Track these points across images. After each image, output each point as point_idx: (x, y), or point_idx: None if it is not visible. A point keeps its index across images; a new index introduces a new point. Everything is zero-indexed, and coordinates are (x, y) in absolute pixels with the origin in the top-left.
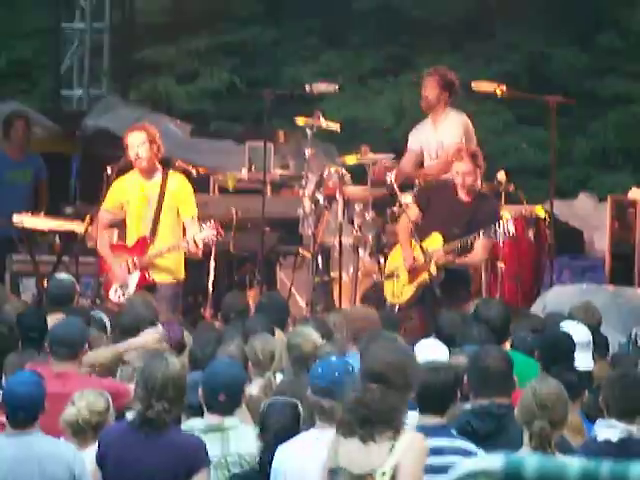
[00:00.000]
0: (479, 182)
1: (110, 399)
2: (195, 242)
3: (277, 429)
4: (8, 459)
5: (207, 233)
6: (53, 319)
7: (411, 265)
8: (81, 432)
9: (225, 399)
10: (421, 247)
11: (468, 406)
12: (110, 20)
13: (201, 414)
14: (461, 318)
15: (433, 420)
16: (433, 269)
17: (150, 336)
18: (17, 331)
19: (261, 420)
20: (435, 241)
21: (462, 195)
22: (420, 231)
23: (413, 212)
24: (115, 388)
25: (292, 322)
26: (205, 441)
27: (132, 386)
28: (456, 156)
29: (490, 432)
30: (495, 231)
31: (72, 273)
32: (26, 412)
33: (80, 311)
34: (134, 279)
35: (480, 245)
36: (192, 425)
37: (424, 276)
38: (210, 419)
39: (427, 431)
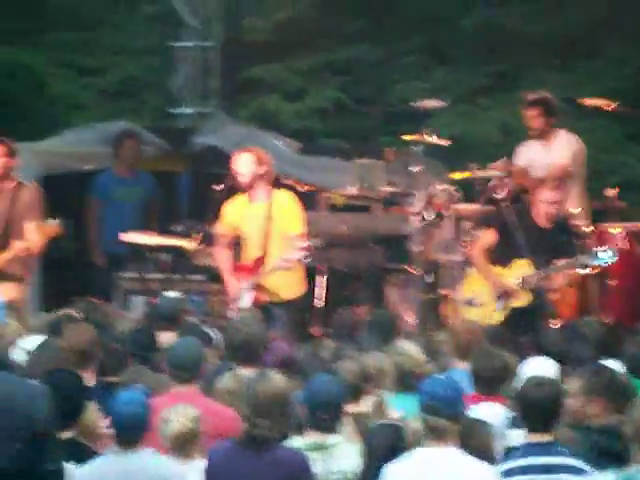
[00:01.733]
0: (563, 210)
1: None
2: (284, 262)
3: (381, 450)
4: (114, 477)
5: (298, 254)
6: (162, 336)
7: (501, 292)
8: (184, 444)
9: (326, 416)
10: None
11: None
12: (219, 38)
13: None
14: (566, 336)
15: (540, 438)
16: (526, 295)
17: None
18: (127, 348)
19: (366, 440)
20: (523, 267)
21: (539, 221)
22: (499, 256)
23: (489, 237)
24: (224, 412)
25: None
26: None
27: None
28: (547, 183)
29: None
30: (577, 258)
31: (181, 291)
32: (131, 432)
33: (192, 329)
34: (247, 299)
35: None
36: (294, 443)
37: (516, 302)
38: (311, 437)
39: (534, 449)
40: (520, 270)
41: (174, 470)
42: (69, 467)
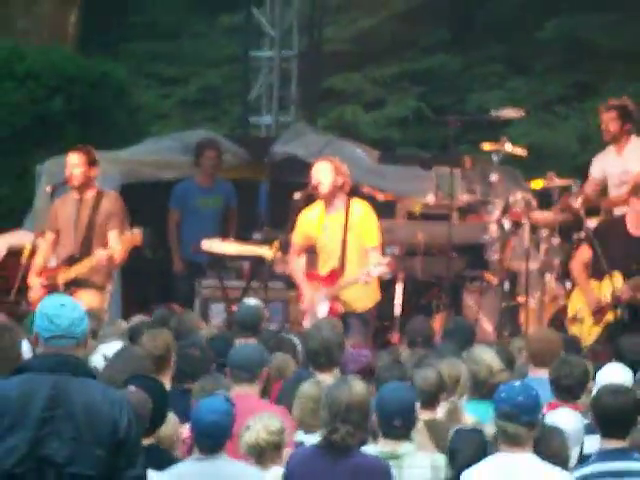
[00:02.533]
0: None
1: (283, 422)
2: (368, 276)
3: (465, 456)
4: None
5: (380, 270)
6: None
7: (596, 306)
8: (261, 454)
9: (399, 424)
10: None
11: None
12: (298, 48)
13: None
14: None
15: (615, 444)
16: (620, 309)
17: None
18: (209, 355)
19: (449, 447)
20: (617, 279)
21: (633, 230)
22: (596, 270)
23: (584, 254)
24: (285, 414)
25: None
26: None
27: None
28: (636, 192)
29: None
30: None
31: (260, 298)
32: (213, 440)
33: (273, 336)
34: (323, 309)
35: None
36: (367, 451)
37: (609, 316)
38: (384, 445)
39: (608, 455)
40: (614, 283)
41: (253, 477)
42: (151, 474)
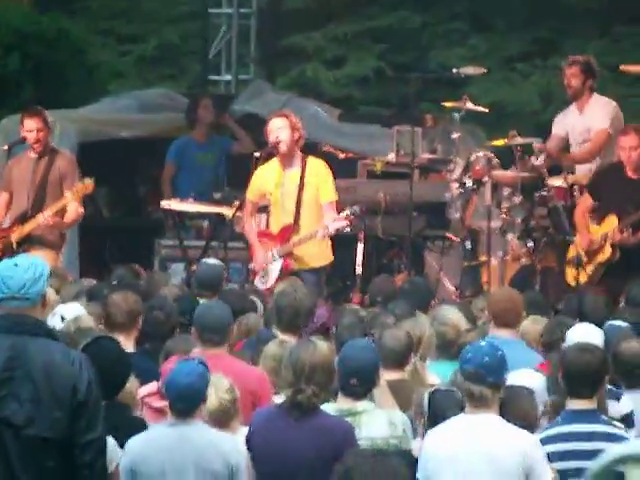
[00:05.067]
0: None
1: (230, 381)
2: (327, 231)
3: (445, 417)
4: (166, 448)
5: (339, 224)
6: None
7: (588, 247)
8: (227, 415)
9: (357, 383)
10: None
11: None
12: (257, 5)
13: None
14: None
15: (581, 404)
16: (607, 249)
17: None
18: (174, 317)
19: (428, 409)
20: (611, 222)
21: (630, 172)
22: (597, 217)
23: (586, 201)
24: (255, 375)
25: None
26: None
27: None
28: (622, 131)
29: None
30: None
31: (220, 258)
32: (186, 402)
33: (234, 295)
34: (276, 267)
35: None
36: (326, 409)
37: (600, 257)
38: (342, 403)
39: (575, 417)
40: (609, 225)
41: (228, 442)
42: (110, 442)
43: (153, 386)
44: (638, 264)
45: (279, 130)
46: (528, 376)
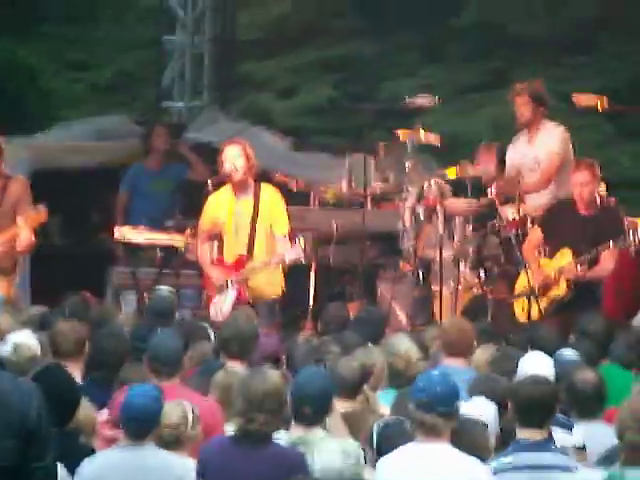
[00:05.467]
0: (597, 194)
1: (191, 410)
2: (283, 260)
3: (392, 447)
4: (120, 470)
5: (294, 255)
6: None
7: (542, 281)
8: (167, 445)
9: (310, 411)
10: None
11: None
12: (212, 33)
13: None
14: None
15: (533, 435)
16: (563, 284)
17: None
18: (126, 345)
19: (377, 440)
20: (564, 257)
21: (582, 208)
22: (548, 251)
23: (536, 235)
24: (206, 405)
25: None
26: None
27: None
28: (575, 167)
29: None
30: (625, 239)
31: (173, 286)
32: (140, 424)
33: (187, 324)
34: (230, 296)
35: (607, 256)
36: (278, 438)
37: (555, 292)
38: (295, 431)
39: (526, 447)
40: (562, 260)
41: (181, 466)
42: (61, 472)
43: (103, 414)
44: (589, 299)
45: (234, 158)
46: (480, 405)
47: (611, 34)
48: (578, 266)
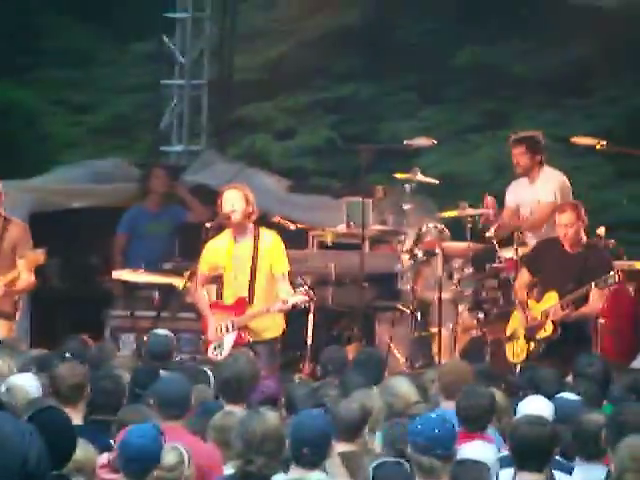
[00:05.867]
0: (582, 233)
1: (186, 454)
2: (286, 305)
3: None
4: None
5: (298, 299)
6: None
7: (529, 324)
8: None
9: (308, 452)
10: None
11: None
12: (209, 77)
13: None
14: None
15: (531, 477)
16: (549, 326)
17: None
18: (122, 387)
19: (375, 476)
20: (551, 299)
21: (568, 248)
22: (536, 293)
23: (524, 277)
24: (205, 449)
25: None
26: None
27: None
28: (559, 209)
29: None
30: (606, 279)
31: (171, 328)
32: (139, 464)
33: (186, 367)
34: (230, 339)
35: (595, 295)
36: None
37: (541, 334)
38: (293, 473)
39: None
40: (548, 302)
41: None
42: None
43: (104, 458)
44: (577, 339)
45: (233, 200)
46: (480, 448)
47: (609, 75)
48: (563, 307)
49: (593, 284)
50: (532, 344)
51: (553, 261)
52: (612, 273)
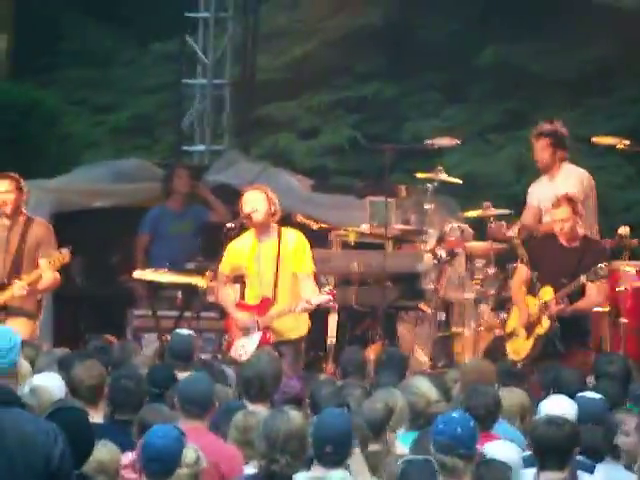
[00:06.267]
0: (579, 228)
1: (197, 450)
2: (310, 305)
3: None
4: None
5: (323, 299)
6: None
7: (526, 321)
8: None
9: (332, 450)
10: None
11: None
12: (231, 76)
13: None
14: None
15: (552, 476)
16: (546, 322)
17: None
18: (143, 386)
19: (399, 478)
20: (546, 294)
21: (564, 242)
22: (533, 287)
23: (522, 272)
24: (227, 450)
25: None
26: None
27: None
28: (554, 204)
29: None
30: (596, 271)
31: (193, 328)
32: (161, 465)
33: (207, 366)
34: (255, 339)
35: (593, 288)
36: (298, 478)
37: (539, 330)
38: (316, 471)
39: None
40: (544, 297)
41: None
42: None
43: (126, 458)
44: (576, 334)
45: (255, 201)
46: (504, 447)
47: (632, 74)
48: (557, 302)
49: (584, 277)
50: (531, 340)
51: (550, 256)
52: (602, 265)
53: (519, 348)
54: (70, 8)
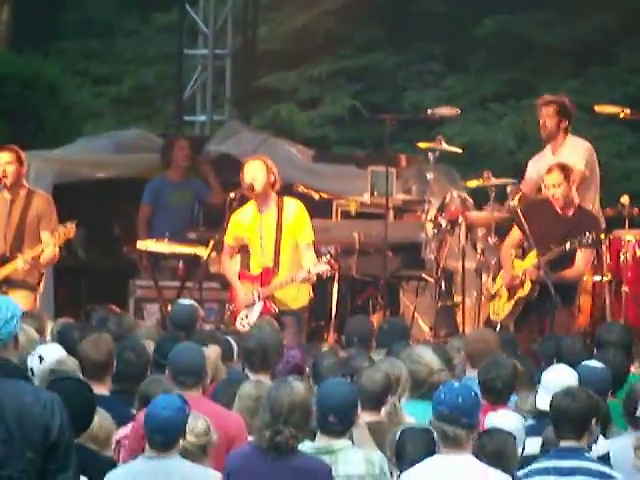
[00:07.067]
0: (574, 196)
1: (208, 422)
2: (309, 275)
3: (414, 456)
4: None
5: (322, 268)
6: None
7: (509, 283)
8: (191, 456)
9: (335, 420)
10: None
11: None
12: (232, 46)
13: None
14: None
15: (569, 443)
16: (527, 285)
17: None
18: (145, 357)
19: (397, 448)
20: (532, 258)
21: (559, 210)
22: (523, 250)
23: (514, 235)
24: (231, 418)
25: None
26: None
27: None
28: (547, 170)
29: None
30: (580, 240)
31: (195, 298)
32: (165, 436)
33: (209, 337)
34: (257, 309)
35: (581, 258)
36: (303, 447)
37: (520, 292)
38: (320, 441)
39: (561, 453)
40: (530, 261)
41: (206, 476)
42: (83, 479)
43: (129, 428)
44: (563, 300)
45: (254, 171)
46: (506, 417)
47: (633, 44)
48: (539, 267)
49: (568, 244)
50: (512, 302)
51: (542, 220)
52: (587, 234)
53: (499, 309)
54: None
